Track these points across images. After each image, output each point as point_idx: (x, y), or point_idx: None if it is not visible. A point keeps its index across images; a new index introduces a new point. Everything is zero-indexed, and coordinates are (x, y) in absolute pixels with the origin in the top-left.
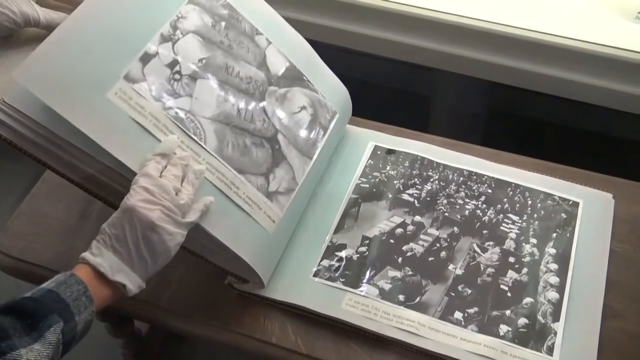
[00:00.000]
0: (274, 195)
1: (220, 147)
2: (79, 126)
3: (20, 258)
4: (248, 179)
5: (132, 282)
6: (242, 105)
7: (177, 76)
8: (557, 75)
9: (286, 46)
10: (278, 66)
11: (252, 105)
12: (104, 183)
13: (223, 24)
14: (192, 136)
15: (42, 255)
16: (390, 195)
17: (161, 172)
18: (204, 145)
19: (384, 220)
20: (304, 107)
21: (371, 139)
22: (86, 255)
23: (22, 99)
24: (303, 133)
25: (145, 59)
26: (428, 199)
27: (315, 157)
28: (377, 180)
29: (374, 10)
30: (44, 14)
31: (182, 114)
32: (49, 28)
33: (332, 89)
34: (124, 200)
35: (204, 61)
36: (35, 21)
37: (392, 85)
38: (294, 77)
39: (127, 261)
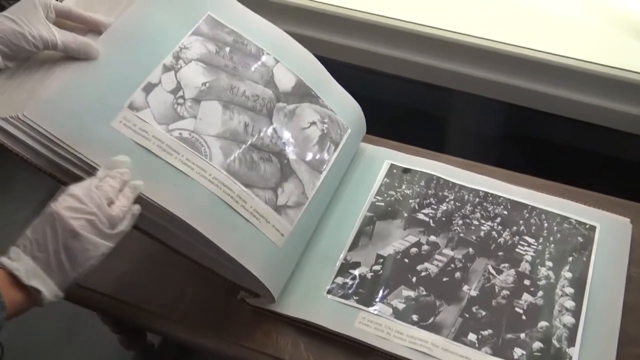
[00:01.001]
0: (282, 209)
1: (227, 162)
2: (84, 154)
3: None
4: (256, 193)
5: (48, 289)
6: (248, 122)
7: (180, 100)
8: (574, 98)
9: (294, 63)
10: (286, 83)
11: (259, 121)
12: None
13: (227, 49)
14: (197, 153)
15: None
16: (405, 214)
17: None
18: (209, 162)
19: (398, 239)
20: (313, 123)
21: (387, 157)
22: (3, 259)
23: (42, 116)
24: (313, 148)
25: (148, 88)
26: (443, 219)
27: (326, 171)
28: (392, 198)
29: (392, 30)
30: (61, 37)
31: (186, 134)
32: (65, 51)
33: (343, 104)
34: (48, 204)
35: (207, 84)
36: (53, 44)
37: (409, 105)
38: (303, 94)
39: (45, 267)
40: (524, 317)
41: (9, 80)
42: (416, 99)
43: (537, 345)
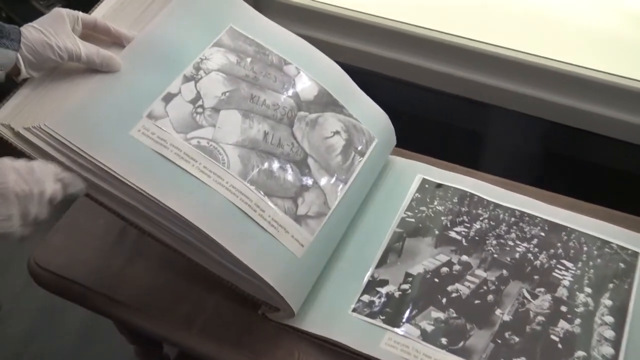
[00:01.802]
0: (303, 219)
1: (245, 170)
2: (104, 162)
3: (59, 274)
4: (274, 202)
5: None
6: (268, 130)
7: (199, 109)
8: (618, 117)
9: (317, 72)
10: (308, 92)
11: (280, 130)
12: (138, 210)
13: (249, 59)
14: (214, 161)
15: (80, 272)
16: (436, 232)
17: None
18: (227, 170)
19: (429, 258)
20: (337, 132)
21: (419, 171)
22: None
23: (62, 126)
24: (336, 158)
25: (168, 98)
26: (476, 238)
27: (350, 182)
28: (423, 215)
29: (428, 42)
30: (85, 50)
31: (204, 143)
32: (88, 64)
33: (369, 114)
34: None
35: (227, 94)
36: (77, 56)
37: (444, 120)
38: (327, 103)
39: None
40: (559, 346)
41: (33, 91)
42: (452, 114)
43: None
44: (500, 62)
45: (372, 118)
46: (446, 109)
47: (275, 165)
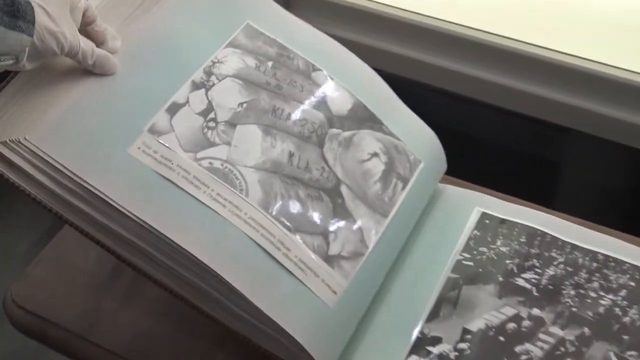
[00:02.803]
0: (335, 259)
1: (267, 199)
2: (95, 185)
3: (37, 313)
4: (302, 239)
5: None
6: (294, 151)
7: (211, 124)
8: None
9: (352, 81)
10: (341, 105)
11: (308, 150)
12: (135, 245)
13: (270, 63)
14: (230, 187)
15: (64, 313)
16: (500, 279)
17: None
18: (245, 198)
19: (491, 311)
20: (375, 154)
21: (477, 204)
22: None
23: (46, 140)
24: (374, 185)
25: (173, 109)
26: (550, 287)
27: (392, 215)
28: (484, 257)
29: (490, 49)
30: (82, 45)
31: (217, 164)
32: (81, 62)
33: (414, 132)
34: None
35: (244, 105)
36: (76, 51)
37: (504, 143)
38: (363, 118)
39: None
40: None
41: (16, 95)
42: (519, 138)
43: None
44: (579, 76)
45: (418, 137)
46: (507, 129)
47: (303, 193)
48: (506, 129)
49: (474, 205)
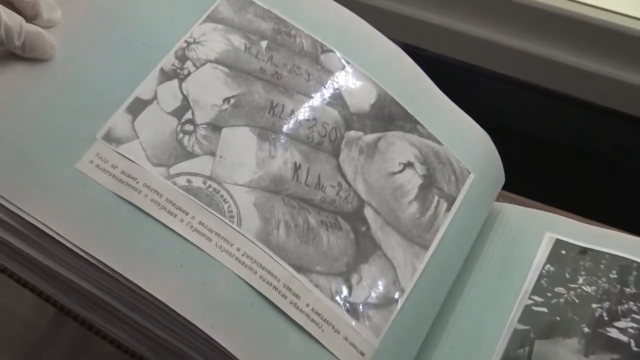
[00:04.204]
0: (361, 309)
1: (266, 229)
2: (31, 212)
3: None
4: (315, 282)
5: None
6: (300, 162)
7: (188, 127)
8: None
9: (376, 67)
10: (362, 99)
11: (319, 161)
12: (84, 293)
13: (264, 43)
14: (216, 214)
15: None
16: (586, 330)
17: None
18: (237, 228)
19: None
20: (409, 164)
21: (548, 228)
22: None
23: None
24: (409, 206)
25: (136, 107)
26: None
27: (434, 246)
28: (561, 301)
29: (567, 20)
30: (5, 18)
31: (198, 182)
32: (4, 42)
33: (460, 134)
34: None
35: (231, 101)
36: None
37: (588, 150)
38: (391, 116)
39: None
40: None
41: None
42: (603, 142)
43: None
44: None
45: (466, 140)
46: (591, 132)
47: (314, 219)
48: (586, 130)
49: (543, 230)
